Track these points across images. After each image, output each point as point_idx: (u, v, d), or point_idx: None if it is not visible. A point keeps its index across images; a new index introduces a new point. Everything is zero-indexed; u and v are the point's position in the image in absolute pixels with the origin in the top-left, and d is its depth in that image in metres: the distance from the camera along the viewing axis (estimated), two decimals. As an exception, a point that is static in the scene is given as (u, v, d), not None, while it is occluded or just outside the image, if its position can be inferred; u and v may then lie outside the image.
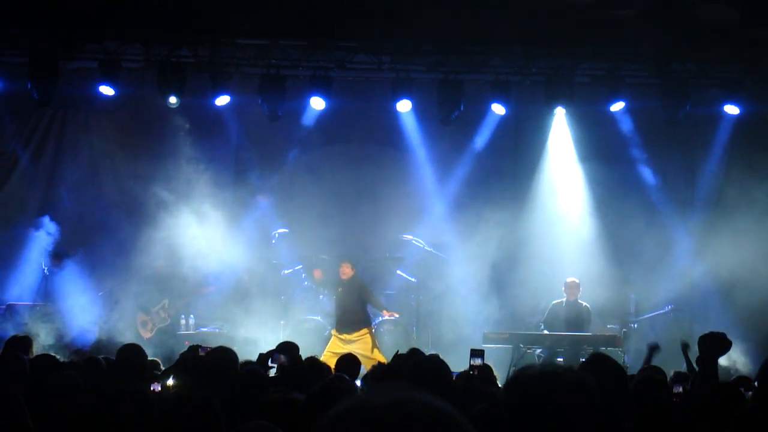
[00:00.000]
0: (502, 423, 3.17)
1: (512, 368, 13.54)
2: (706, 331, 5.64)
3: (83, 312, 15.80)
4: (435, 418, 1.92)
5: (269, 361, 9.23)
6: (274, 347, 9.91)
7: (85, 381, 7.54)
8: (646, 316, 16.70)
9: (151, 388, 7.37)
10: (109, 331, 15.60)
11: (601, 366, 4.41)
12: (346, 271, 15.63)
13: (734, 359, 14.22)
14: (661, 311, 16.83)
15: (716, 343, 5.52)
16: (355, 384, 7.47)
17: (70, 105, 17.48)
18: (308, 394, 5.59)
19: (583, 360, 5.50)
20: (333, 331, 15.58)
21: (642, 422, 6.08)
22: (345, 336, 15.31)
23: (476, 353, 8.65)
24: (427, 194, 17.79)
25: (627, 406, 6.07)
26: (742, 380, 9.26)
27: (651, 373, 8.05)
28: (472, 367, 8.38)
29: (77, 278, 16.31)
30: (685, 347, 9.46)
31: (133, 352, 8.50)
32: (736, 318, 15.91)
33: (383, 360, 13.22)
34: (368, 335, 15.39)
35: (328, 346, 15.20)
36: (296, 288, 16.87)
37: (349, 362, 9.02)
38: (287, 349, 9.53)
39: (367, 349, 15.04)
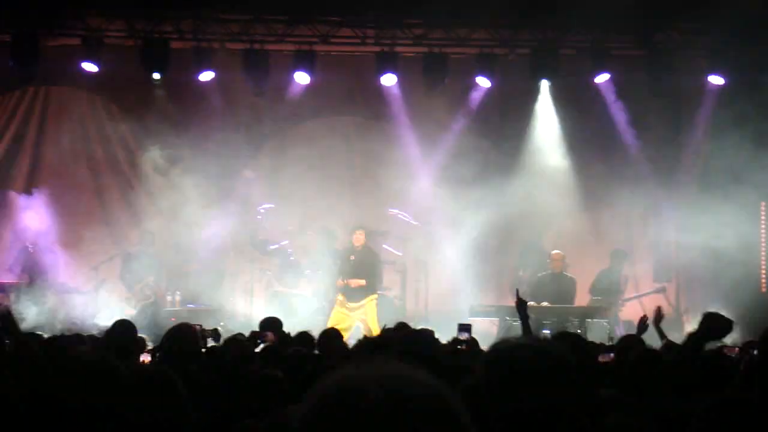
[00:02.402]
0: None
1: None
2: (705, 309, 5.55)
3: (71, 290, 15.77)
4: (424, 394, 1.92)
5: (257, 340, 9.20)
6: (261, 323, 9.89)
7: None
8: (635, 296, 16.72)
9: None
10: (95, 310, 15.63)
11: (566, 342, 4.40)
12: (360, 239, 15.58)
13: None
14: (651, 291, 16.90)
15: (718, 326, 5.37)
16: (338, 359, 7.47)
17: (53, 81, 17.37)
18: (288, 371, 5.59)
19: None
20: (339, 299, 15.37)
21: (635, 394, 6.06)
22: (351, 304, 15.22)
23: (463, 327, 8.66)
24: (413, 168, 17.74)
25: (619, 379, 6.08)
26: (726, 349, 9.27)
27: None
28: (459, 341, 8.40)
29: (62, 254, 16.27)
30: (658, 316, 9.40)
31: (123, 327, 8.47)
32: (722, 290, 15.97)
33: (377, 332, 13.20)
34: (373, 302, 15.37)
35: (331, 318, 15.09)
36: (282, 263, 16.84)
37: (331, 337, 8.98)
38: (270, 324, 9.50)
39: (370, 318, 15.04)
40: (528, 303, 7.98)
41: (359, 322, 15.14)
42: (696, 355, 5.40)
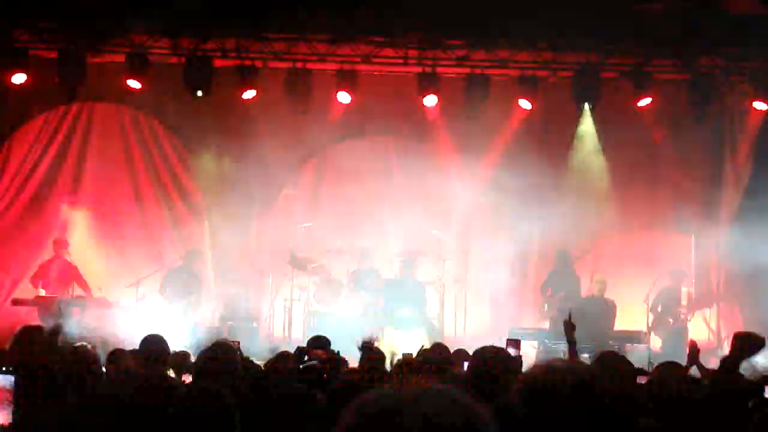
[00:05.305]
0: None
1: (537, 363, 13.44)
2: (740, 330, 5.51)
3: (111, 304, 15.87)
4: (458, 415, 1.92)
5: (305, 356, 9.12)
6: (299, 341, 9.85)
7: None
8: (685, 311, 16.51)
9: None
10: (137, 324, 15.71)
11: (610, 363, 4.35)
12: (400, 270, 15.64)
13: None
14: (709, 307, 16.72)
15: (751, 342, 5.35)
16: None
17: (97, 98, 17.54)
18: (329, 391, 5.58)
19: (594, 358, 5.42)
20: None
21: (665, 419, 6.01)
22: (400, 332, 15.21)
23: (512, 343, 8.55)
24: (453, 188, 17.71)
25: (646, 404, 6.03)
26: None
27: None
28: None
29: (103, 269, 16.41)
30: (694, 350, 9.19)
31: (153, 341, 8.45)
32: (765, 316, 15.78)
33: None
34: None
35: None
36: (321, 282, 16.86)
37: (375, 356, 8.93)
38: (318, 342, 9.39)
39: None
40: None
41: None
42: (732, 373, 5.37)
